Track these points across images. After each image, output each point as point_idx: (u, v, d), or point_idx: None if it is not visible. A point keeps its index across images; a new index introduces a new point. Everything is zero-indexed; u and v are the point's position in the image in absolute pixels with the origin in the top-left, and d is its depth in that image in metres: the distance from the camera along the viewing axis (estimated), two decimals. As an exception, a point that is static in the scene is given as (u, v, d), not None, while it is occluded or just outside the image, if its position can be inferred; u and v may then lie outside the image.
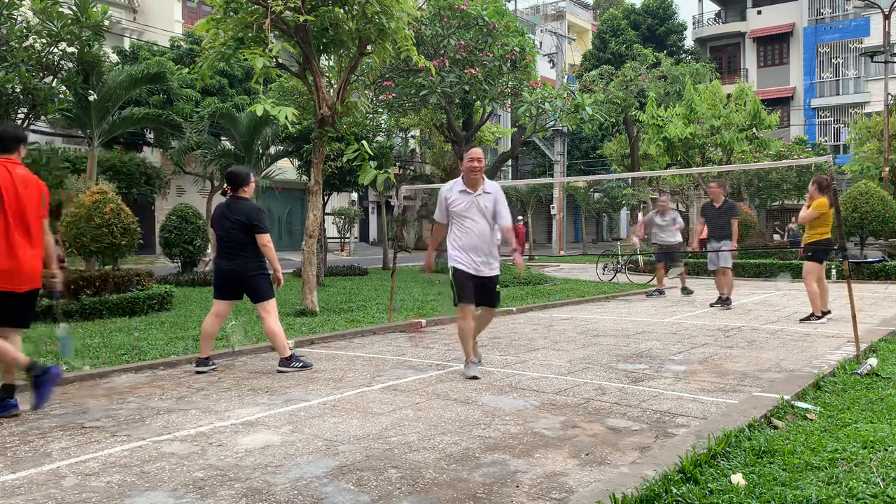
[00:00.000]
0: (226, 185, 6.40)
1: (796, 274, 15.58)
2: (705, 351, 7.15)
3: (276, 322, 6.35)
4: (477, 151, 5.95)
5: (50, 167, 12.23)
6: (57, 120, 16.95)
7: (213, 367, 6.35)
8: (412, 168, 34.01)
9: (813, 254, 8.85)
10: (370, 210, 37.70)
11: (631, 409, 4.86)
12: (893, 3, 22.36)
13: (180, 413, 4.85)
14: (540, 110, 15.01)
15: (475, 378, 5.83)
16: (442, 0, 14.42)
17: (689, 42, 43.31)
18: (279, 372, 6.26)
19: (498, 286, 6.08)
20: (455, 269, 5.91)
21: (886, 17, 22.17)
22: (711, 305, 11.16)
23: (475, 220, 5.91)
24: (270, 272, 6.34)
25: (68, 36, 11.99)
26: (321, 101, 9.57)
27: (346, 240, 32.39)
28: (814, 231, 8.78)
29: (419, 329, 8.65)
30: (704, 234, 11.79)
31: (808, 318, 9.14)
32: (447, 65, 14.28)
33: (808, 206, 8.75)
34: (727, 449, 3.68)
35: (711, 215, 11.17)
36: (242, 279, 6.28)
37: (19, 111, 12.78)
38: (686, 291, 13.02)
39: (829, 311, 9.14)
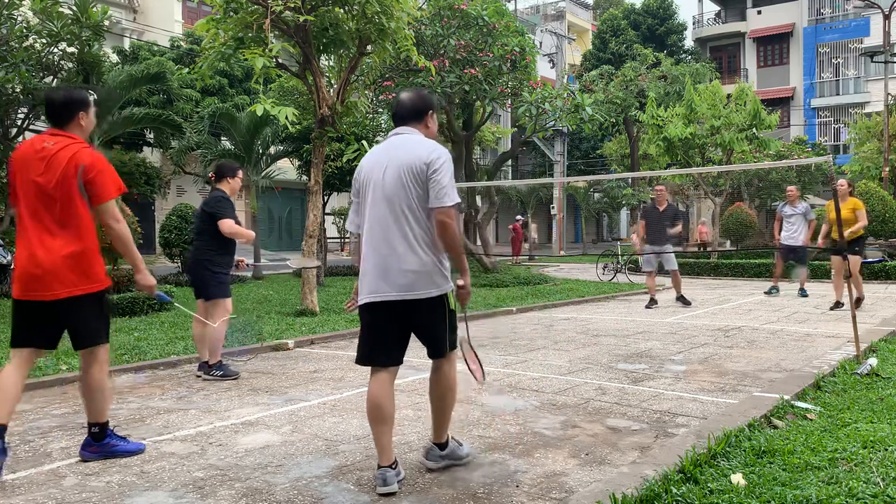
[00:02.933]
0: (210, 174, 6.14)
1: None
2: (705, 351, 7.15)
3: (219, 324, 5.91)
4: None
5: None
6: (57, 120, 16.92)
7: (221, 372, 5.93)
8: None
9: (859, 249, 9.86)
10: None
11: (631, 409, 4.85)
12: (893, 3, 22.37)
13: (180, 413, 4.85)
14: (540, 110, 15.00)
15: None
16: (442, 0, 14.41)
17: (689, 42, 43.28)
18: (197, 375, 5.97)
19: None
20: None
21: (886, 17, 22.18)
22: (646, 307, 11.06)
23: None
24: (223, 271, 5.96)
25: (68, 36, 11.98)
26: (321, 101, 9.57)
27: (347, 240, 32.37)
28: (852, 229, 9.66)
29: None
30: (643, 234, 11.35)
31: (857, 305, 9.80)
32: (447, 65, 14.27)
33: (848, 207, 9.59)
34: (727, 449, 3.68)
35: (652, 218, 10.99)
36: (192, 271, 6.04)
37: (19, 111, 12.77)
38: (802, 294, 12.40)
39: (842, 304, 9.94)
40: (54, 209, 3.64)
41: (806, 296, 12.25)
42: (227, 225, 5.79)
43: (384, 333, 3.49)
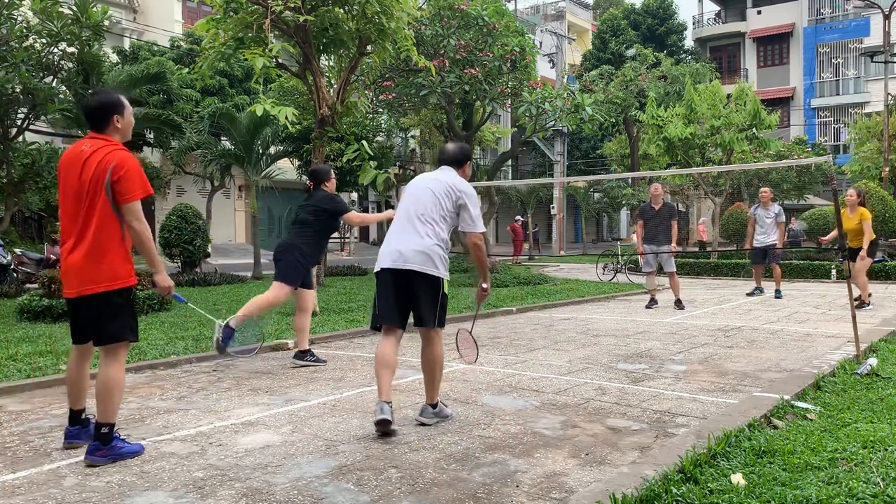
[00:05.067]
0: (308, 181, 6.65)
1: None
2: (705, 351, 7.15)
3: (302, 317, 6.62)
4: None
5: (50, 167, 12.23)
6: (57, 120, 16.95)
7: (314, 358, 6.51)
8: (412, 168, 33.99)
9: (871, 252, 10.40)
10: (370, 210, 37.72)
11: (631, 409, 4.86)
12: (893, 3, 22.37)
13: (180, 413, 4.85)
14: (540, 110, 15.01)
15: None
16: (442, 0, 14.41)
17: (689, 42, 43.29)
18: (298, 365, 6.48)
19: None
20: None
21: (886, 17, 22.18)
22: (646, 307, 11.09)
23: None
24: (306, 264, 6.44)
25: (68, 36, 11.99)
26: (321, 101, 9.57)
27: (347, 240, 32.37)
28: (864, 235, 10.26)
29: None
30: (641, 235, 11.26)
31: (861, 306, 10.12)
32: (447, 65, 14.28)
33: (857, 218, 10.27)
34: (727, 449, 3.68)
35: (649, 217, 10.90)
36: (281, 251, 6.44)
37: (19, 111, 12.78)
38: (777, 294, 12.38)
39: (867, 303, 10.42)
40: (85, 210, 3.83)
41: (780, 297, 12.25)
42: (354, 216, 6.54)
43: (391, 296, 4.44)
